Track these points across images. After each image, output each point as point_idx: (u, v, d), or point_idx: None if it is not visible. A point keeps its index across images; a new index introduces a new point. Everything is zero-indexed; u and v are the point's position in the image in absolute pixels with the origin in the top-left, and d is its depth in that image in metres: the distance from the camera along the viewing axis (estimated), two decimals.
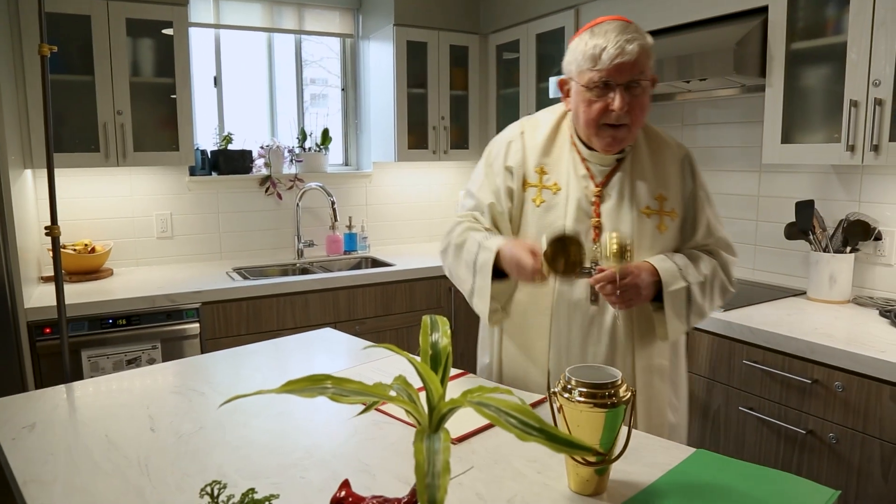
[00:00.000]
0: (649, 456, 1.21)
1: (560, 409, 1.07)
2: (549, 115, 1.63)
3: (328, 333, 2.10)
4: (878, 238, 2.36)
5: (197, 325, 2.70)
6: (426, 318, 0.78)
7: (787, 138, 2.28)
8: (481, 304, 1.56)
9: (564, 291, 1.53)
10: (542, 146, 1.59)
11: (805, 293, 2.50)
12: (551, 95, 2.98)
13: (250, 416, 1.39)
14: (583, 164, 1.55)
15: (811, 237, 2.41)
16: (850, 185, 2.45)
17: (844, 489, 1.87)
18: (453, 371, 1.65)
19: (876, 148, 2.01)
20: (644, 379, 1.56)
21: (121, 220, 3.20)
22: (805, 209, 2.40)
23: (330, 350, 1.95)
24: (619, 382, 1.06)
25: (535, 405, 1.46)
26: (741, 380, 2.14)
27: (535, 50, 3.32)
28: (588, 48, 1.43)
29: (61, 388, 1.61)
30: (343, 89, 3.95)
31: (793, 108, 2.27)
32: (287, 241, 3.61)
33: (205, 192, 3.38)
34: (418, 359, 0.77)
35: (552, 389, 1.09)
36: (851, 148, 2.07)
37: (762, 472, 1.13)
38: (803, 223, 2.41)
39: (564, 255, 1.33)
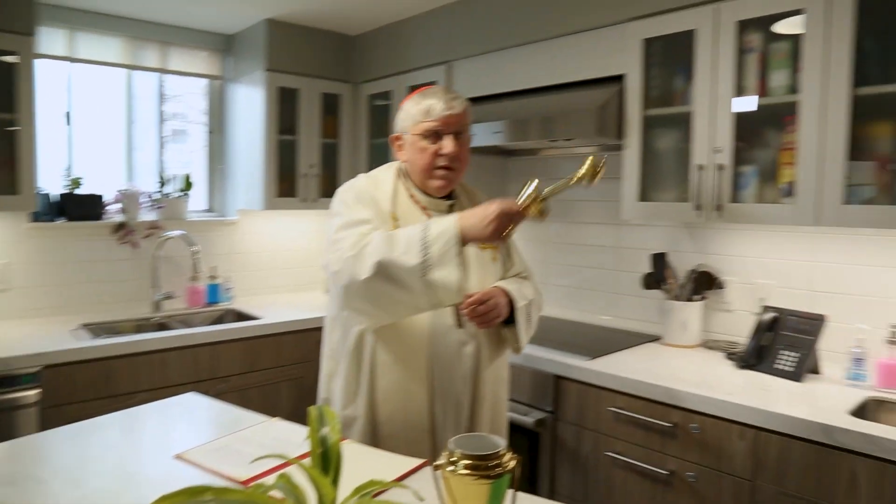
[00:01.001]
0: None
1: (446, 481, 1.05)
2: (387, 172, 1.85)
3: (190, 399, 1.95)
4: (722, 286, 2.57)
5: (36, 391, 2.42)
6: (312, 411, 0.73)
7: (643, 196, 2.45)
8: (447, 271, 1.53)
9: (437, 322, 1.71)
10: (390, 197, 1.78)
11: (660, 338, 2.67)
12: None
13: None
14: (423, 213, 1.79)
15: (665, 286, 2.59)
16: (698, 238, 2.66)
17: None
18: None
19: (719, 208, 2.21)
20: (493, 389, 1.83)
21: None
22: (659, 260, 2.58)
23: (193, 418, 1.81)
24: (503, 452, 1.06)
25: (416, 470, 1.42)
26: (608, 426, 2.22)
27: None
28: (421, 105, 1.73)
29: None
30: (210, 132, 3.79)
31: (648, 168, 2.45)
32: (143, 294, 3.36)
33: (49, 239, 3.08)
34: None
35: (436, 462, 1.07)
36: (699, 207, 2.26)
37: None
38: (658, 273, 2.58)
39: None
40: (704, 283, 2.54)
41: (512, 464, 1.05)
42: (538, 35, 2.74)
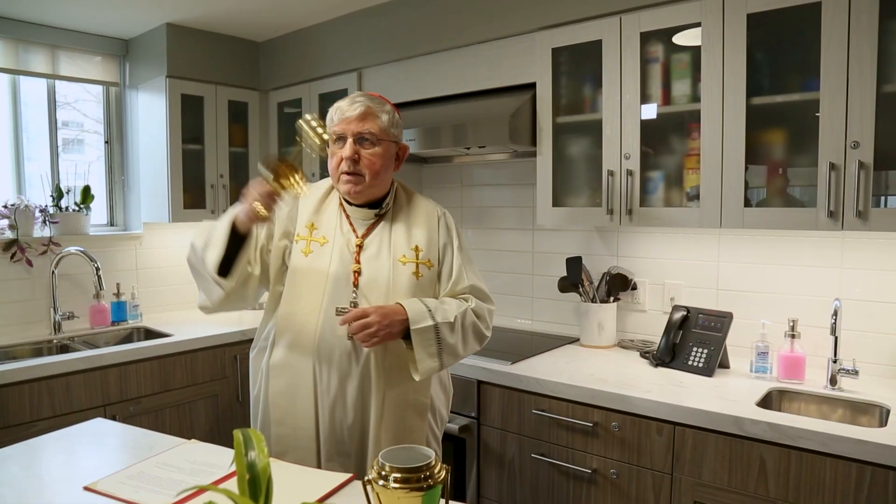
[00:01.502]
0: None
1: (377, 496, 1.03)
2: (323, 183, 1.87)
3: (98, 425, 1.83)
4: (635, 288, 2.67)
5: None
6: (238, 434, 0.69)
7: (557, 202, 2.51)
8: (211, 251, 1.65)
9: (327, 330, 1.70)
10: (314, 206, 1.81)
11: (578, 340, 2.74)
12: None
13: None
14: (347, 220, 1.80)
15: (580, 289, 2.66)
16: (609, 241, 2.75)
17: None
18: None
19: (630, 212, 2.30)
20: (396, 413, 1.73)
21: None
22: (574, 264, 2.65)
23: (102, 445, 1.70)
24: (434, 463, 1.05)
25: (343, 485, 1.39)
26: (531, 428, 2.26)
27: (318, 109, 3.32)
28: (331, 111, 1.76)
29: None
30: (107, 142, 3.59)
31: (561, 174, 2.52)
32: (40, 315, 3.13)
33: None
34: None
35: (366, 476, 1.05)
36: (611, 212, 2.34)
37: None
38: (573, 277, 2.65)
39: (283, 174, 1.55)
40: (618, 285, 2.63)
41: (443, 474, 1.05)
42: (449, 43, 2.76)
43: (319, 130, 1.63)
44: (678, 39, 2.23)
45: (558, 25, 2.44)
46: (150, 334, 3.18)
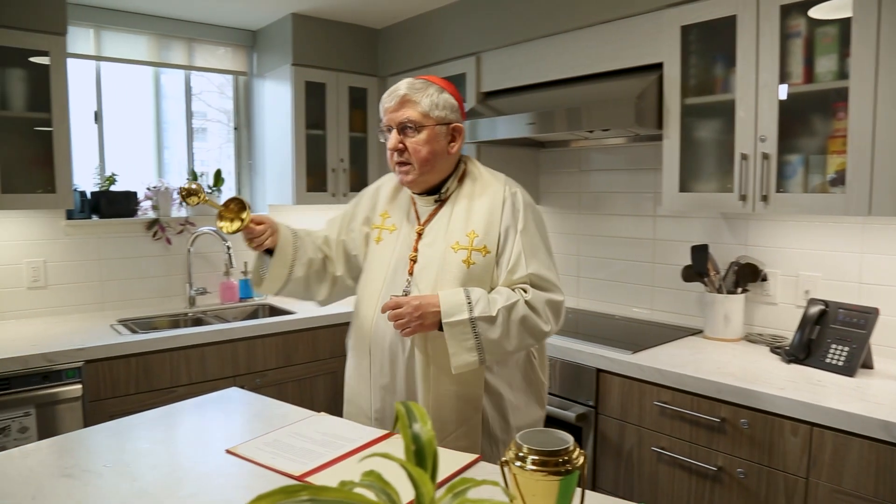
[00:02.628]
0: None
1: (514, 477, 1.02)
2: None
3: (233, 394, 1.95)
4: (765, 279, 2.52)
5: (79, 386, 2.44)
6: (400, 407, 0.70)
7: (684, 187, 2.41)
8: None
9: (380, 317, 1.70)
10: (390, 195, 1.85)
11: (701, 332, 2.62)
12: None
13: (160, 500, 1.24)
14: (414, 208, 1.80)
15: (706, 279, 2.54)
16: (738, 229, 2.61)
17: None
18: (377, 433, 1.57)
19: (765, 198, 2.16)
20: (443, 403, 1.67)
21: None
22: (700, 253, 2.54)
23: (238, 413, 1.81)
24: (572, 448, 1.03)
25: (470, 465, 1.40)
26: (652, 420, 2.19)
27: None
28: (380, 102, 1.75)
29: None
30: (236, 128, 3.79)
31: (688, 158, 2.41)
32: (177, 289, 3.37)
33: (84, 236, 3.10)
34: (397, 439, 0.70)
35: (502, 458, 1.05)
36: (743, 198, 2.21)
37: None
38: (699, 266, 2.54)
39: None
40: (747, 276, 2.49)
41: (581, 460, 1.03)
42: (571, 24, 2.70)
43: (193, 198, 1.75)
44: (823, 12, 2.07)
45: (688, 2, 2.32)
46: (274, 311, 3.34)
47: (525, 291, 1.65)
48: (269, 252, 1.81)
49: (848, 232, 2.32)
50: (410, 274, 1.72)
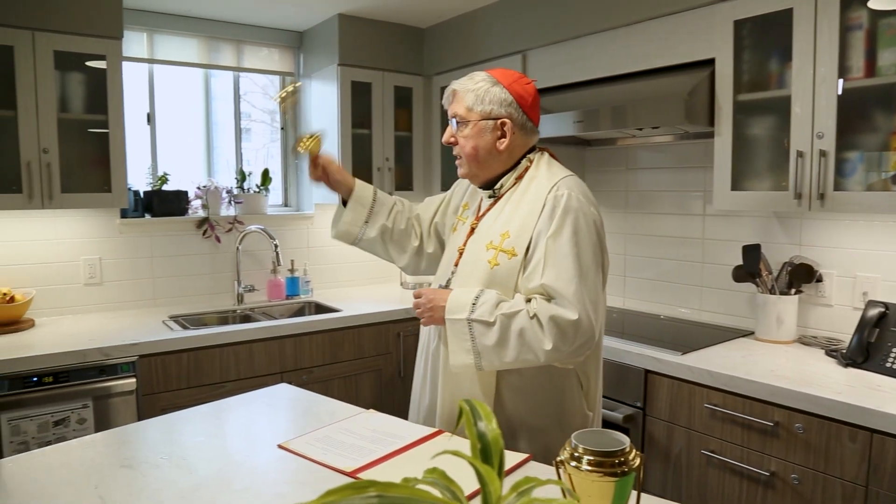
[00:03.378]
0: None
1: (569, 477, 1.02)
2: None
3: (282, 390, 1.98)
4: (820, 280, 2.45)
5: (133, 380, 2.50)
6: (464, 405, 0.70)
7: (736, 185, 2.35)
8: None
9: None
10: (467, 191, 1.91)
11: (752, 333, 2.56)
12: None
13: (216, 492, 1.27)
14: (479, 202, 1.81)
15: (758, 279, 2.48)
16: (791, 229, 2.55)
17: None
18: (426, 431, 1.58)
19: (822, 197, 2.10)
20: (453, 400, 1.69)
21: (43, 265, 2.96)
22: (752, 252, 2.48)
23: (288, 408, 1.83)
24: (628, 449, 1.02)
25: (521, 465, 1.40)
26: (702, 423, 2.15)
27: None
28: None
29: None
30: (282, 128, 3.85)
31: (741, 156, 2.35)
32: (224, 287, 3.44)
33: (137, 235, 3.19)
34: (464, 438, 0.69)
35: (558, 458, 1.04)
36: (799, 196, 2.15)
37: None
38: (750, 266, 2.48)
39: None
40: (801, 276, 2.42)
41: (637, 462, 1.01)
42: (619, 21, 2.66)
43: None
44: (886, 2, 1.99)
45: None
46: (319, 309, 3.38)
47: (538, 303, 1.54)
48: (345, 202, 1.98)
49: None
50: (455, 265, 1.74)
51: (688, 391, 2.18)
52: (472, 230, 1.75)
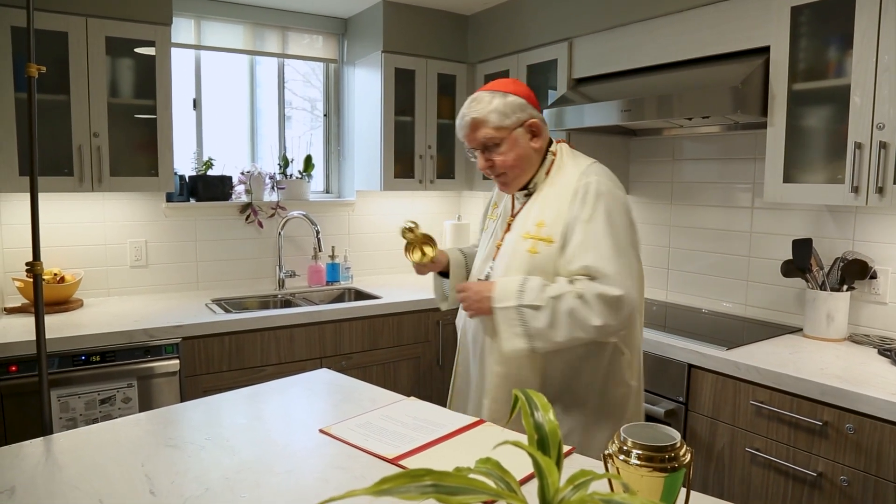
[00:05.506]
0: None
1: (617, 471, 1.00)
2: None
3: (323, 375, 1.99)
4: (874, 277, 2.37)
5: (176, 361, 2.56)
6: (519, 395, 0.69)
7: (788, 177, 2.28)
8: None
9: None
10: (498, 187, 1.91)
11: (800, 330, 2.49)
12: None
13: (259, 474, 1.28)
14: (512, 198, 1.86)
15: (808, 275, 2.41)
16: (844, 224, 2.46)
17: None
18: (467, 420, 1.57)
19: (881, 190, 2.02)
20: (497, 383, 1.74)
21: (91, 247, 3.04)
22: (803, 247, 2.40)
23: (329, 393, 1.84)
24: (679, 445, 0.99)
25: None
26: (747, 420, 2.10)
27: (526, 80, 3.30)
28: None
29: (39, 441, 1.46)
30: (325, 115, 3.87)
31: (794, 147, 2.28)
32: (266, 272, 3.48)
33: (182, 219, 3.24)
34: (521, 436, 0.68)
35: (606, 451, 1.02)
36: (856, 189, 2.08)
37: None
38: (800, 261, 2.41)
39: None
40: (854, 273, 2.34)
41: (688, 458, 0.99)
42: (670, 7, 2.59)
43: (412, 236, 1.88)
44: None
45: None
46: (359, 295, 3.40)
47: (583, 283, 1.62)
48: (444, 274, 2.01)
49: None
50: (493, 260, 1.81)
51: (733, 387, 2.13)
52: (509, 226, 1.81)
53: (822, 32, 2.22)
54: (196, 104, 3.41)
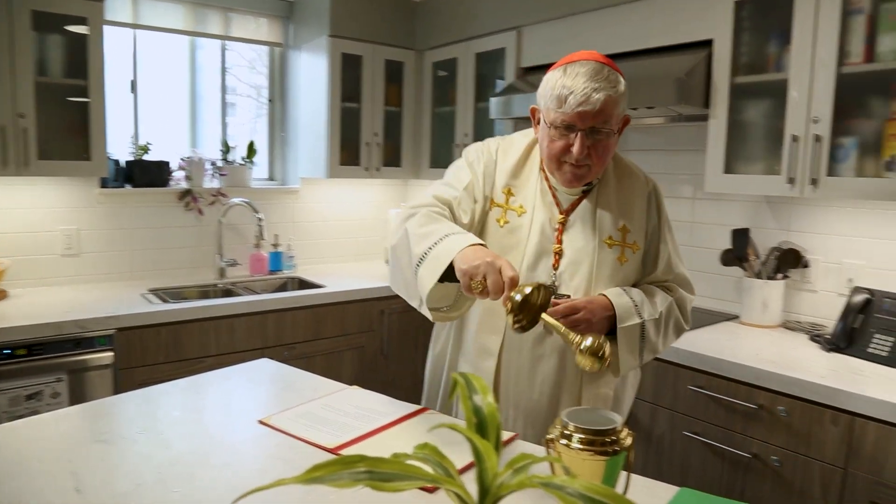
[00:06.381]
0: (637, 499, 1.15)
1: (559, 456, 0.99)
2: (523, 138, 1.62)
3: (264, 365, 1.94)
4: (806, 266, 2.45)
5: (110, 353, 2.45)
6: (458, 378, 0.67)
7: (729, 168, 2.33)
8: (427, 277, 1.33)
9: (511, 334, 1.51)
10: (513, 168, 1.57)
11: (738, 317, 2.56)
12: (491, 116, 2.95)
13: (194, 468, 1.23)
14: (550, 191, 1.55)
15: (745, 264, 2.48)
16: (780, 214, 2.54)
17: None
18: (410, 408, 1.55)
19: (814, 182, 2.09)
20: (590, 405, 1.55)
21: (18, 235, 2.88)
22: (741, 236, 2.47)
23: (269, 383, 1.80)
24: (620, 428, 1.00)
25: (507, 443, 1.37)
26: (686, 405, 2.15)
27: (475, 69, 3.28)
28: (557, 88, 1.40)
29: None
30: (270, 100, 3.77)
31: (735, 139, 2.33)
32: (206, 261, 3.38)
33: (117, 205, 3.11)
34: (462, 423, 0.66)
35: (548, 436, 1.02)
36: (791, 180, 2.14)
37: None
38: (739, 250, 2.47)
39: (532, 305, 1.22)
40: (788, 262, 2.42)
41: (629, 441, 0.99)
42: None
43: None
44: None
45: None
46: (303, 284, 3.34)
47: (673, 291, 1.60)
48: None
49: (894, 219, 2.24)
50: (555, 268, 1.52)
51: (673, 373, 2.18)
52: (563, 226, 1.53)
53: (763, 27, 2.27)
54: (133, 86, 3.27)
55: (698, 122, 2.66)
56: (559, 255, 1.51)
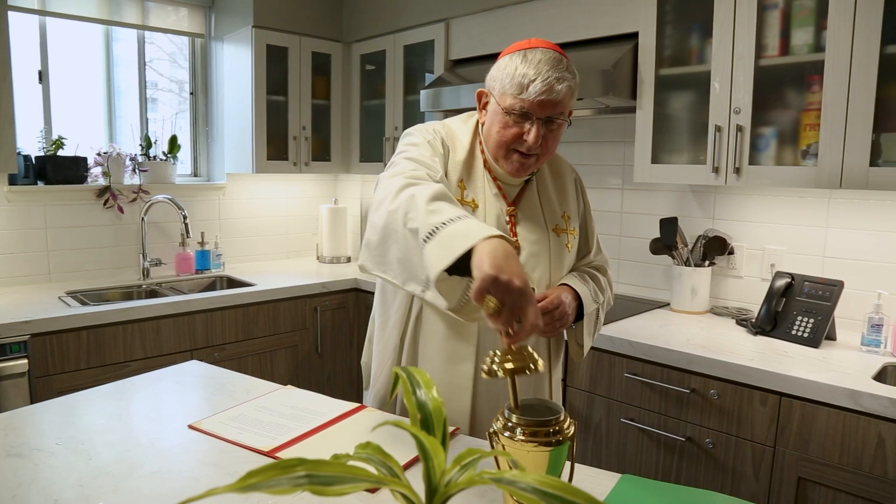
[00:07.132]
0: (582, 488, 1.15)
1: (502, 448, 0.98)
2: (465, 128, 1.53)
3: (193, 367, 1.85)
4: (731, 252, 2.54)
5: (25, 361, 2.30)
6: (399, 372, 0.64)
7: (656, 158, 2.39)
8: (439, 256, 1.08)
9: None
10: (464, 162, 1.48)
11: (668, 304, 2.63)
12: (422, 108, 2.92)
13: (119, 479, 1.16)
14: (495, 183, 1.50)
15: (674, 252, 2.54)
16: (706, 203, 2.62)
17: (720, 490, 1.96)
18: (348, 406, 1.51)
19: (738, 170, 2.16)
20: (556, 392, 1.64)
21: None
22: (669, 225, 2.53)
23: (200, 386, 1.72)
24: (563, 418, 0.99)
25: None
26: (621, 392, 2.18)
27: (403, 62, 3.25)
28: (517, 74, 1.34)
29: None
30: (192, 93, 3.63)
31: (661, 129, 2.38)
32: (129, 261, 3.22)
33: (29, 204, 2.92)
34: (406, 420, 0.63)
35: (490, 429, 1.00)
36: (716, 170, 2.20)
37: (691, 494, 1.12)
38: (667, 239, 2.54)
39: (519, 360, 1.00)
40: (714, 249, 2.50)
41: (572, 430, 0.99)
42: None
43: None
44: None
45: None
46: (232, 283, 3.23)
47: (603, 273, 1.65)
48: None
49: (813, 206, 2.34)
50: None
51: (608, 361, 2.21)
52: (512, 218, 1.49)
53: (686, 20, 2.33)
54: (42, 77, 3.08)
55: (625, 113, 2.71)
56: (518, 249, 1.45)
